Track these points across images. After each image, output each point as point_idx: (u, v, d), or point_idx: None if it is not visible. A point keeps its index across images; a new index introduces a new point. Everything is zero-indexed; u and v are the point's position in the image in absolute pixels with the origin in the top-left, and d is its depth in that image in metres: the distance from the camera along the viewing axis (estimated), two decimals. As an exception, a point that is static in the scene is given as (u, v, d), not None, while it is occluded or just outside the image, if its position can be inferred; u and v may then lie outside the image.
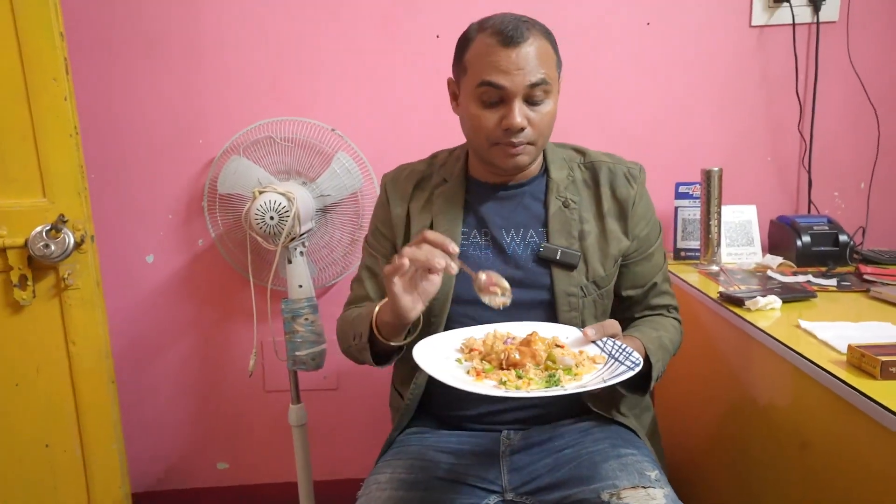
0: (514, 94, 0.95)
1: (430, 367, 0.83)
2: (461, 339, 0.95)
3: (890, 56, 1.69)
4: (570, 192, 1.08)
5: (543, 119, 0.99)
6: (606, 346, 0.91)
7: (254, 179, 1.56)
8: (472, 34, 1.00)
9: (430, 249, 0.86)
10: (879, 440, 0.80)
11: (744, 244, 1.64)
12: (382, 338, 0.95)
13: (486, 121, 0.98)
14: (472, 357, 0.90)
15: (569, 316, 1.04)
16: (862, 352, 0.88)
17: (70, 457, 1.41)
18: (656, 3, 1.67)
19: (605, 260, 1.07)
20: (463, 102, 1.03)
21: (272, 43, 1.67)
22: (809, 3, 1.65)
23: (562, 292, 1.04)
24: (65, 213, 1.29)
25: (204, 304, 1.78)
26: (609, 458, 0.99)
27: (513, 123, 0.96)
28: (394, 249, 1.13)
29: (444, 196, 1.10)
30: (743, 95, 1.72)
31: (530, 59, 0.95)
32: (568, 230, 1.06)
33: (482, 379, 0.84)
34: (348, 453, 1.86)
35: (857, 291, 1.30)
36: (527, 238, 1.07)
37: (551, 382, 0.82)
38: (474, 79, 0.98)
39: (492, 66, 0.95)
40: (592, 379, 0.83)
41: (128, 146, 1.69)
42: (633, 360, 0.85)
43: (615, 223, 1.08)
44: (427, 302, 0.90)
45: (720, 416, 1.35)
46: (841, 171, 1.75)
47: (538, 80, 0.95)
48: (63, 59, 1.28)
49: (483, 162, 1.07)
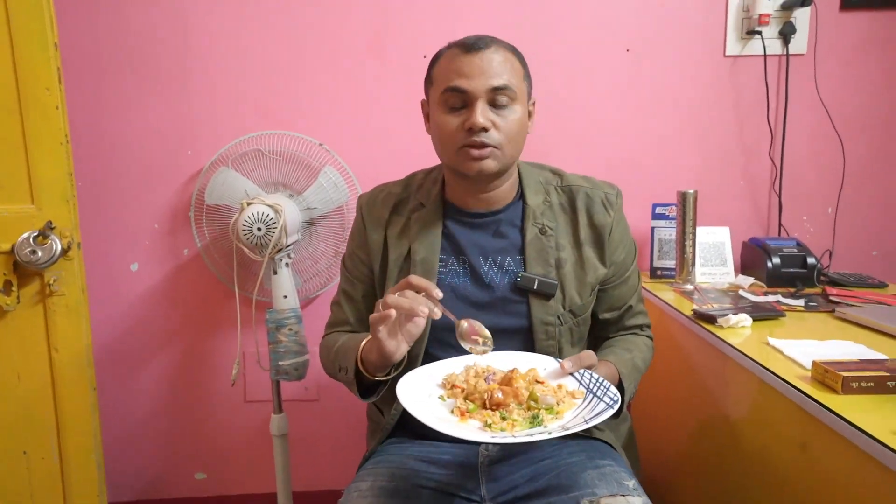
0: (476, 96, 0.97)
1: (414, 409, 0.85)
2: (443, 374, 0.97)
3: (854, 88, 1.78)
4: (547, 217, 1.09)
5: (509, 125, 1.00)
6: (584, 378, 0.93)
7: (241, 191, 1.58)
8: (439, 54, 1.05)
9: (414, 297, 0.88)
10: (841, 451, 0.84)
11: (717, 264, 1.70)
12: (368, 373, 0.97)
13: (450, 125, 1.00)
14: (455, 394, 0.92)
15: (546, 344, 1.05)
16: (825, 368, 0.93)
17: (48, 465, 1.40)
18: (636, 32, 1.74)
19: (582, 289, 1.08)
20: (432, 113, 1.04)
21: (262, 58, 1.70)
22: (780, 35, 1.73)
23: (538, 321, 1.05)
24: (52, 220, 1.30)
25: (187, 313, 1.78)
26: (587, 468, 1.01)
27: (475, 122, 0.96)
28: (371, 274, 1.14)
29: (422, 222, 1.10)
30: (717, 121, 1.79)
31: (493, 64, 0.98)
32: (545, 258, 1.07)
33: (466, 419, 0.87)
34: (328, 464, 1.86)
35: (823, 311, 1.36)
36: (504, 266, 1.07)
37: (535, 423, 0.85)
38: (439, 87, 1.01)
39: (454, 71, 0.99)
40: (574, 418, 0.86)
41: (116, 155, 1.70)
42: (611, 395, 0.88)
43: (592, 251, 1.09)
44: (412, 342, 0.93)
45: (694, 427, 1.39)
46: (810, 195, 1.82)
47: (500, 84, 0.98)
48: (56, 69, 1.29)
49: (455, 176, 1.07)
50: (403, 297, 0.88)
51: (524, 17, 1.71)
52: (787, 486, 1.00)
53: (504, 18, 1.71)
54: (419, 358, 1.06)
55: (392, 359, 0.91)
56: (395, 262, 1.10)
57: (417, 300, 0.88)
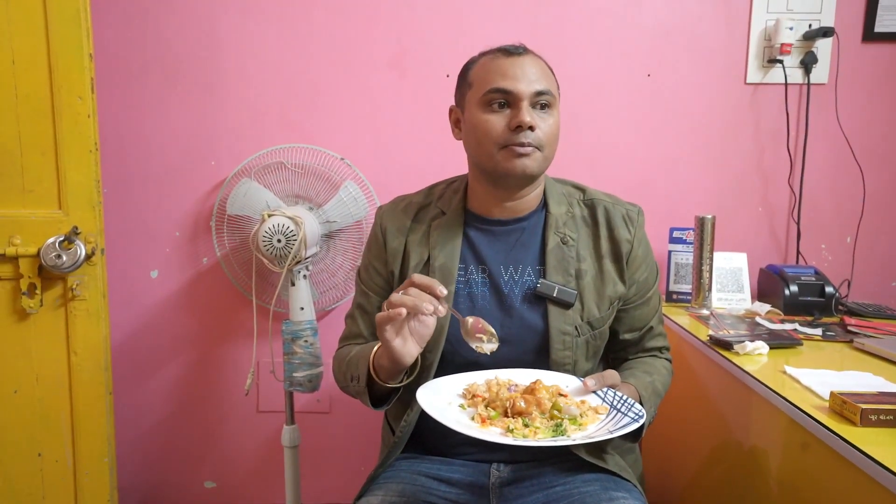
0: (521, 97, 0.99)
1: (434, 412, 0.84)
2: (463, 385, 0.96)
3: (874, 118, 1.77)
4: (569, 228, 1.09)
5: (549, 127, 1.01)
6: (607, 396, 0.93)
7: (263, 202, 1.61)
8: (474, 59, 1.07)
9: (418, 294, 0.88)
10: (858, 484, 0.83)
11: (734, 290, 1.69)
12: (380, 380, 0.97)
13: (494, 124, 1.00)
14: (475, 403, 0.91)
15: (561, 355, 1.04)
16: (843, 399, 0.92)
17: (61, 467, 1.42)
18: (658, 57, 1.76)
19: (601, 301, 1.07)
20: (468, 116, 1.04)
21: (286, 72, 1.73)
22: (801, 65, 1.74)
23: (556, 330, 1.04)
24: (78, 226, 1.33)
25: (204, 321, 1.81)
26: (601, 500, 0.99)
27: (523, 120, 0.98)
28: (387, 286, 1.12)
29: (442, 229, 1.09)
30: (737, 148, 1.79)
31: (535, 68, 1.01)
32: (565, 267, 1.07)
33: (488, 426, 0.85)
34: (338, 477, 1.86)
35: (841, 342, 1.35)
36: (524, 274, 1.07)
37: (558, 432, 0.84)
38: (481, 88, 1.02)
39: (498, 73, 1.01)
40: (598, 429, 0.84)
41: (141, 164, 1.74)
42: (636, 411, 0.87)
43: (611, 265, 1.09)
44: (423, 344, 0.92)
45: (706, 456, 1.37)
46: (828, 224, 1.81)
47: (543, 88, 1.00)
48: (90, 79, 1.33)
49: (486, 180, 1.06)
50: (407, 295, 0.88)
51: (546, 39, 1.73)
52: (802, 518, 0.99)
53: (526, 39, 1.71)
54: (433, 366, 1.05)
55: (402, 361, 0.90)
56: (414, 268, 1.09)
57: (421, 297, 0.87)
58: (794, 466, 1.02)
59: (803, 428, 0.95)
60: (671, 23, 1.74)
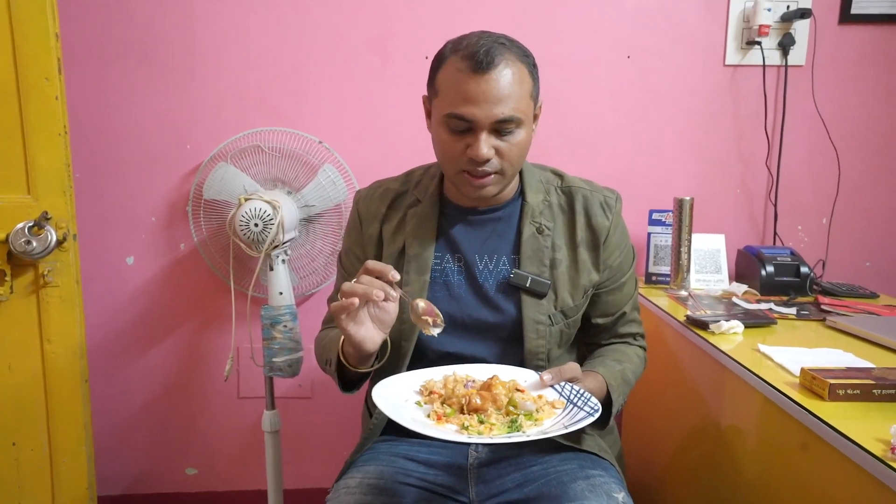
0: (482, 127, 0.94)
1: (389, 410, 0.84)
2: (420, 382, 0.96)
3: (850, 100, 1.79)
4: (545, 217, 1.08)
5: (512, 149, 0.97)
6: (564, 390, 0.93)
7: (240, 187, 1.59)
8: (445, 53, 0.98)
9: (370, 281, 0.88)
10: (826, 457, 0.85)
11: (712, 271, 1.70)
12: (350, 366, 0.96)
13: (453, 148, 0.97)
14: (432, 400, 0.90)
15: (535, 344, 1.05)
16: (813, 375, 0.94)
17: (37, 456, 1.40)
18: (637, 39, 1.75)
19: (575, 291, 1.08)
20: (434, 124, 1.01)
21: (264, 54, 1.70)
22: (779, 46, 1.74)
23: (530, 320, 1.05)
24: (49, 211, 1.30)
25: (182, 308, 1.79)
26: (577, 478, 1.00)
27: (478, 155, 0.95)
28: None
29: (418, 217, 1.09)
30: (715, 130, 1.80)
31: (501, 88, 0.93)
32: (539, 257, 1.06)
33: (443, 423, 0.85)
34: (320, 462, 1.86)
35: (814, 320, 1.37)
36: (499, 264, 1.07)
37: (513, 428, 0.84)
38: (443, 107, 0.97)
39: (460, 96, 0.94)
40: (553, 424, 0.85)
41: (114, 148, 1.71)
42: (592, 405, 0.87)
43: (587, 253, 1.09)
44: (387, 330, 0.92)
45: (684, 434, 1.39)
46: (805, 206, 1.83)
47: (506, 116, 0.94)
48: (57, 60, 1.30)
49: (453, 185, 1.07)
50: (359, 283, 0.87)
51: (526, 21, 1.72)
52: (773, 491, 1.01)
53: (505, 22, 1.71)
54: (408, 355, 1.06)
55: (363, 347, 0.90)
56: (389, 257, 1.09)
57: (373, 284, 0.87)
58: (768, 442, 1.03)
59: (774, 404, 0.96)
60: (651, 4, 1.74)
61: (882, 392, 0.90)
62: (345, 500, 0.99)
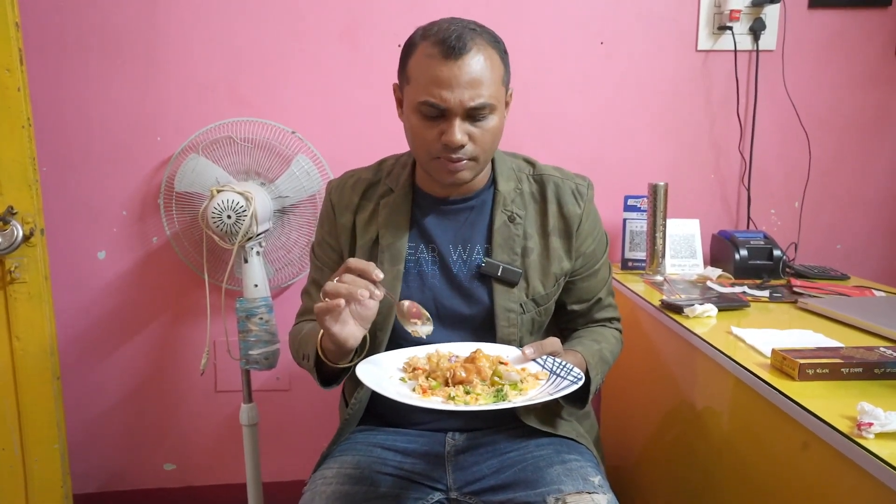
0: (455, 113, 0.94)
1: (375, 385, 0.84)
2: (404, 359, 0.96)
3: (820, 85, 1.81)
4: (517, 205, 1.08)
5: (486, 135, 0.97)
6: (547, 363, 0.94)
7: (212, 178, 1.56)
8: (416, 40, 0.97)
9: (354, 280, 0.86)
10: (795, 437, 0.86)
11: (687, 256, 1.72)
12: (329, 361, 0.95)
13: (426, 135, 0.96)
14: (416, 376, 0.90)
15: (507, 332, 1.05)
16: (783, 355, 0.95)
17: (8, 455, 1.38)
18: (610, 24, 1.75)
19: (546, 278, 1.08)
20: (406, 112, 1.00)
21: (234, 43, 1.67)
22: (750, 31, 1.76)
23: (501, 308, 1.05)
24: (14, 205, 1.27)
25: (156, 302, 1.76)
26: (553, 463, 1.01)
27: (452, 140, 0.94)
28: (341, 260, 1.11)
29: (390, 207, 1.08)
30: (689, 115, 1.81)
31: (473, 74, 0.92)
32: (511, 246, 1.06)
33: (429, 395, 0.85)
34: (299, 454, 1.85)
35: (786, 302, 1.39)
36: (472, 253, 1.07)
37: (499, 397, 0.84)
38: (415, 94, 0.95)
39: (432, 82, 0.93)
40: (538, 393, 0.85)
41: (83, 141, 1.67)
42: (575, 374, 0.88)
43: (559, 241, 1.09)
44: (368, 326, 0.91)
45: (660, 418, 1.41)
46: (777, 190, 1.86)
47: (479, 103, 0.93)
48: (18, 50, 1.26)
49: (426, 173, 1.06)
50: (342, 282, 0.86)
51: (497, 7, 1.71)
52: (746, 470, 1.02)
53: (476, 8, 1.70)
54: (383, 345, 1.05)
55: (346, 345, 0.89)
56: (362, 247, 1.09)
57: (357, 283, 0.86)
58: (741, 423, 1.05)
59: (746, 385, 0.98)
60: (624, -11, 1.74)
61: (850, 371, 0.91)
62: (322, 491, 0.99)
